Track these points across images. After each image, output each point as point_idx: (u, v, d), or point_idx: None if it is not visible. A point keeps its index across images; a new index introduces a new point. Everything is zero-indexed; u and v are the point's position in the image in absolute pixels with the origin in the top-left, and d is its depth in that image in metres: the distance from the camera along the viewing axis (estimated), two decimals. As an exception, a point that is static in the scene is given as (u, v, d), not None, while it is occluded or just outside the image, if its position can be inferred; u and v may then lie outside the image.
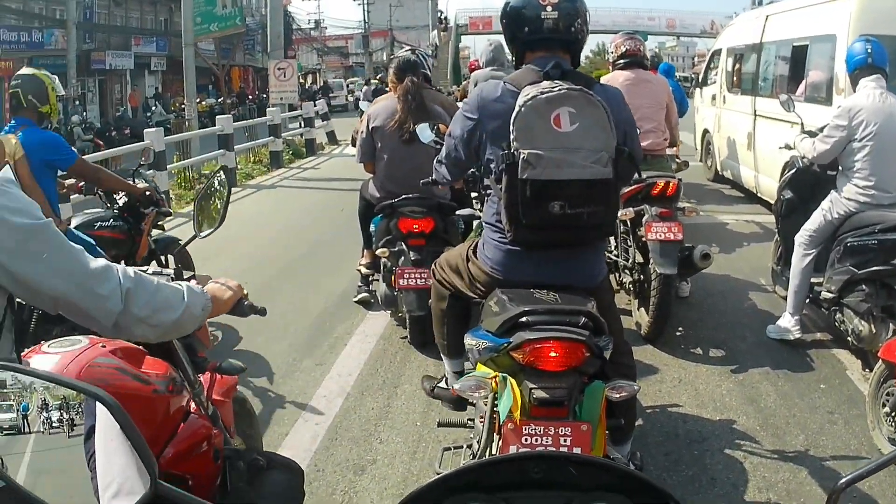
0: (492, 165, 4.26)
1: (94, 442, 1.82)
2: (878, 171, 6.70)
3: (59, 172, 7.23)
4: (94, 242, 6.72)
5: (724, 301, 8.92)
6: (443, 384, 5.47)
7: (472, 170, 4.53)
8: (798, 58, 12.15)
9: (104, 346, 3.03)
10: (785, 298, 7.84)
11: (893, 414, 5.45)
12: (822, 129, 7.23)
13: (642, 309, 7.78)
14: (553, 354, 3.70)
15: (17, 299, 2.61)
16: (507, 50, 4.86)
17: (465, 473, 1.78)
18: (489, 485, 1.76)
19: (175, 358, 3.58)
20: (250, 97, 55.25)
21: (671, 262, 7.18)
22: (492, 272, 4.45)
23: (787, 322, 7.56)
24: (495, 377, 3.87)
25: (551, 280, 4.25)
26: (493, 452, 3.75)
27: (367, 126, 8.04)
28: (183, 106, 32.29)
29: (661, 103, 8.91)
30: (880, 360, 5.62)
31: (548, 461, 1.80)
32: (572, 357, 3.71)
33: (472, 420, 4.84)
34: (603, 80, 8.91)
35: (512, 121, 4.03)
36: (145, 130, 17.09)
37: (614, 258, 8.22)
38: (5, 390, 1.87)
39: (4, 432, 1.94)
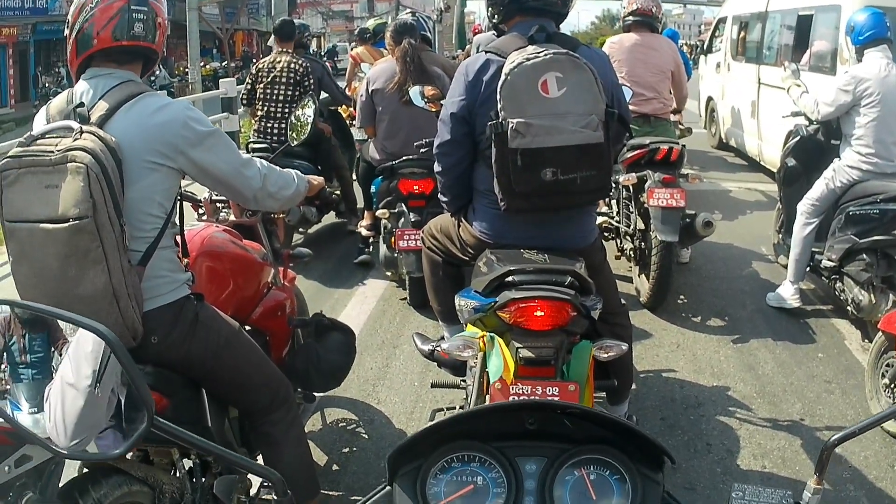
0: (482, 136, 4.22)
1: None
2: (881, 140, 6.69)
3: None
4: None
5: (724, 268, 8.90)
6: (441, 348, 5.39)
7: None
8: (803, 27, 12.08)
9: (218, 227, 4.51)
10: (786, 267, 7.83)
11: (892, 385, 5.45)
12: None
13: (643, 276, 7.76)
14: (539, 314, 3.68)
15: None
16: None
17: (457, 422, 1.78)
18: (483, 434, 1.78)
19: (261, 241, 4.89)
20: (254, 61, 55.12)
21: (673, 230, 7.11)
22: (481, 236, 4.44)
23: (787, 290, 7.57)
24: (483, 337, 3.89)
25: (541, 242, 4.25)
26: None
27: (367, 89, 8.07)
28: (186, 70, 32.16)
29: (665, 72, 8.81)
30: (880, 332, 5.60)
31: (542, 412, 1.79)
32: (558, 316, 3.69)
33: (466, 381, 4.85)
34: (609, 41, 8.90)
35: (498, 90, 3.97)
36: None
37: (616, 224, 8.23)
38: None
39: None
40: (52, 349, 2.40)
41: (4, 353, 2.45)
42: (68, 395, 1.69)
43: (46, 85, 38.84)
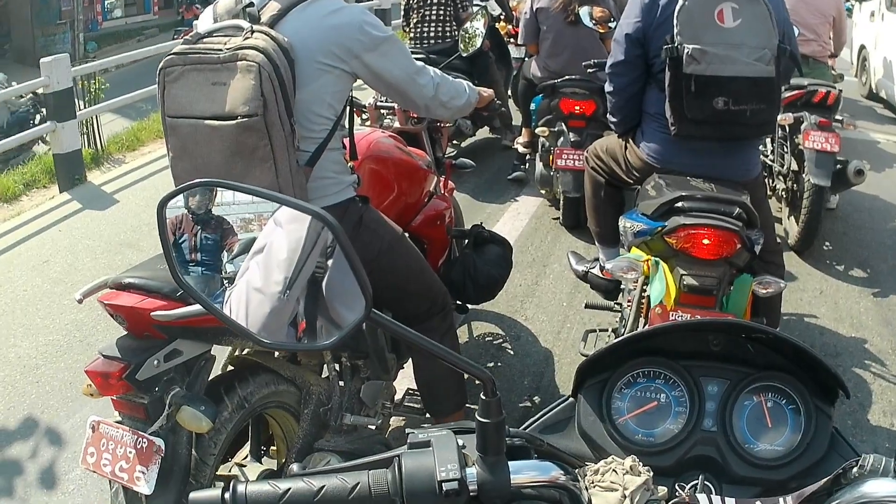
0: (656, 59, 4.29)
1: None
2: None
3: None
4: None
5: (869, 219, 8.76)
6: (595, 269, 5.46)
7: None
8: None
9: (384, 132, 4.61)
10: (931, 226, 7.71)
11: None
12: None
13: (792, 218, 7.71)
14: (706, 242, 3.74)
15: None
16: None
17: (644, 338, 1.86)
18: (668, 352, 1.84)
19: (425, 149, 4.96)
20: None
21: (826, 174, 7.06)
22: (649, 159, 4.51)
23: (930, 250, 7.45)
24: (647, 261, 3.98)
25: (707, 171, 4.30)
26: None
27: (532, 7, 8.12)
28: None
29: (826, 16, 8.71)
30: None
31: (727, 334, 1.85)
32: (725, 246, 3.75)
33: (620, 304, 4.96)
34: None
35: (675, 15, 4.06)
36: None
37: (770, 163, 8.18)
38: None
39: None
40: (223, 251, 2.47)
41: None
42: (254, 299, 1.60)
43: (191, -8, 39.05)
